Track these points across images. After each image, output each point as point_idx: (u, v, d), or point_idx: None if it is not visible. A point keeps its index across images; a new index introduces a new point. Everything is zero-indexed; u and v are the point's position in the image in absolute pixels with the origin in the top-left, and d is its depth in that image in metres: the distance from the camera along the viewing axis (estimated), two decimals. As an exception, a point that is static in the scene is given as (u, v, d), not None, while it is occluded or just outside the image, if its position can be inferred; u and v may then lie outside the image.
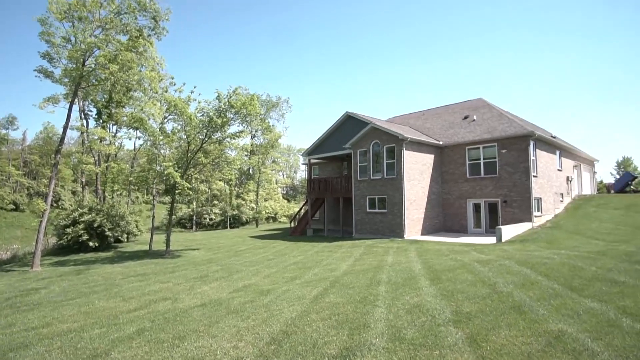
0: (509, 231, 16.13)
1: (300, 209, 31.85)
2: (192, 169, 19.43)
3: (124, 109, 25.21)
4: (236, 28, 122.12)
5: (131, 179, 19.48)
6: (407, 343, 4.21)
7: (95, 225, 19.84)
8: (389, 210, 19.52)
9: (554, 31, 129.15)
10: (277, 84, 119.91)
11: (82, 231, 19.47)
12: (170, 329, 5.39)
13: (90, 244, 19.58)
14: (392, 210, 19.30)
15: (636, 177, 34.22)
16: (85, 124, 25.91)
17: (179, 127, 18.71)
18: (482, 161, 19.87)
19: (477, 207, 20.28)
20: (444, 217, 21.54)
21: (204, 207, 44.16)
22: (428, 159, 20.84)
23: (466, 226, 20.40)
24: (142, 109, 19.46)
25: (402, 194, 18.82)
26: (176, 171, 16.84)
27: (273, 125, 47.41)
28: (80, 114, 25.50)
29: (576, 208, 21.61)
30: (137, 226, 24.58)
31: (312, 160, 27.41)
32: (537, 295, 5.74)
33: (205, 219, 43.05)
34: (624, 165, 59.68)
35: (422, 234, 19.76)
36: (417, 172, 19.92)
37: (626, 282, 6.14)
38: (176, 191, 17.87)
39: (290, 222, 32.23)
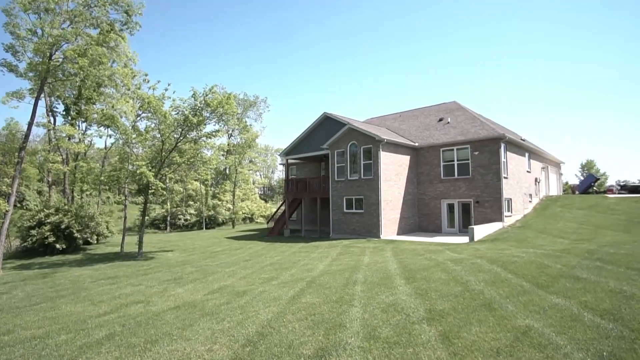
0: (481, 231, 16.63)
1: (278, 209, 31.70)
2: (167, 169, 18.98)
3: (94, 106, 24.29)
4: (213, 29, 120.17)
5: (102, 178, 18.81)
6: (382, 342, 4.27)
7: (63, 226, 19.04)
8: (365, 210, 19.72)
9: (524, 36, 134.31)
10: (255, 85, 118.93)
11: (49, 233, 18.63)
12: (142, 333, 5.24)
13: (57, 246, 18.76)
14: (369, 211, 19.51)
15: (598, 179, 36.11)
16: (52, 121, 24.79)
17: (152, 125, 18.22)
18: (455, 163, 20.40)
19: (451, 207, 20.79)
20: (419, 217, 21.96)
21: (179, 208, 43.19)
22: (404, 160, 21.20)
23: (440, 226, 20.88)
24: (113, 106, 18.84)
25: (379, 194, 19.06)
26: (150, 170, 16.41)
27: (250, 125, 47.04)
28: (46, 110, 24.39)
29: (544, 208, 22.54)
30: (107, 227, 23.76)
31: (289, 161, 27.33)
32: (506, 293, 5.95)
33: (180, 219, 42.12)
34: (587, 167, 62.71)
35: (398, 234, 20.08)
36: (394, 173, 20.23)
37: (588, 279, 6.46)
38: (149, 191, 17.40)
39: (268, 223, 32.00)
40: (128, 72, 19.83)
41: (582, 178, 55.12)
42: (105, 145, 33.07)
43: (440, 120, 23.78)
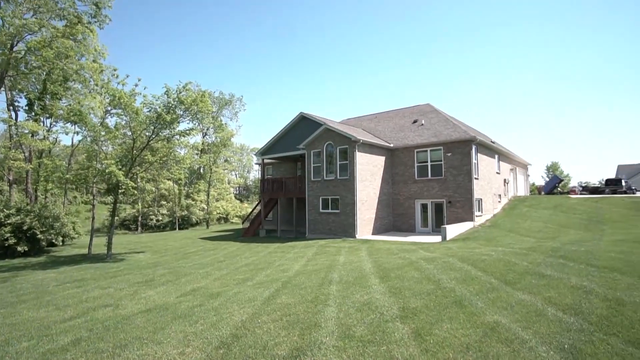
0: (453, 230, 17.09)
1: (253, 209, 31.38)
2: (138, 168, 18.39)
3: (60, 102, 23.22)
4: (187, 26, 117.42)
5: (68, 176, 17.97)
6: (356, 340, 4.32)
7: (25, 227, 18.09)
8: (341, 210, 19.85)
9: (495, 40, 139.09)
10: (231, 84, 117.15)
11: (9, 234, 17.66)
12: (111, 338, 5.06)
13: (19, 248, 17.82)
14: (345, 211, 19.65)
15: (562, 180, 37.94)
16: (13, 116, 23.53)
17: (123, 122, 17.61)
18: (429, 164, 20.87)
19: (424, 207, 21.26)
20: (393, 217, 22.32)
21: (151, 208, 41.96)
22: (379, 160, 21.49)
23: (414, 225, 21.30)
24: (79, 102, 18.05)
25: (355, 194, 19.23)
26: (120, 169, 15.85)
27: (225, 124, 46.35)
28: (7, 104, 23.10)
29: (512, 208, 23.43)
30: (74, 228, 22.77)
31: (265, 160, 27.13)
32: (476, 290, 6.15)
33: (151, 220, 40.93)
34: (552, 169, 65.79)
35: (373, 234, 20.32)
36: (369, 173, 20.47)
37: (552, 275, 6.77)
38: (119, 191, 16.82)
39: (243, 223, 31.62)
40: (97, 67, 19.06)
41: (547, 179, 57.75)
42: (72, 142, 31.71)
43: (415, 122, 24.27)
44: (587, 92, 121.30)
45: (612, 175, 79.30)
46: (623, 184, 35.01)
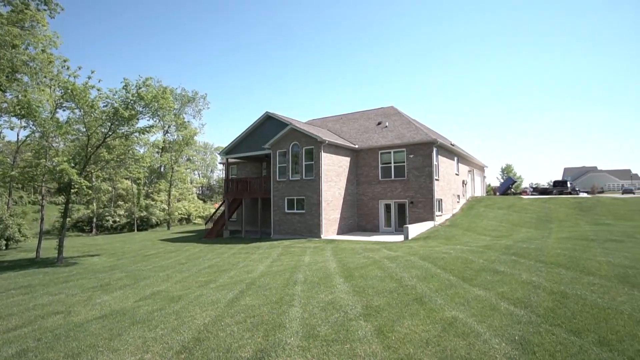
0: (414, 230, 17.63)
1: (217, 209, 30.70)
2: (93, 166, 17.43)
3: (5, 95, 21.48)
4: (154, 24, 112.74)
5: (14, 173, 16.67)
6: (320, 340, 4.35)
7: (-38, 230, 16.61)
8: (307, 210, 19.88)
9: (455, 46, 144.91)
10: (195, 83, 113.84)
11: (-57, 238, 16.14)
12: (62, 347, 4.77)
13: (-45, 252, 16.32)
14: (310, 211, 19.71)
15: (516, 182, 40.23)
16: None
17: (76, 117, 16.59)
18: (392, 165, 21.41)
19: (388, 207, 21.77)
20: (358, 217, 22.67)
21: (107, 208, 39.85)
22: (345, 161, 21.75)
23: (378, 225, 21.76)
24: (25, 95, 16.77)
25: (320, 195, 19.34)
26: (73, 167, 14.92)
27: (188, 122, 44.97)
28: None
29: (470, 208, 24.54)
30: (19, 230, 21.23)
31: (230, 160, 26.62)
32: (436, 287, 6.39)
33: (107, 221, 38.87)
34: (507, 171, 69.66)
35: (338, 234, 20.54)
36: (334, 173, 20.66)
37: (505, 272, 7.17)
38: (72, 190, 15.85)
39: (206, 224, 30.84)
40: (46, 58, 17.79)
41: (502, 181, 61.02)
42: (18, 138, 29.45)
43: (379, 124, 24.79)
44: (539, 100, 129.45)
45: (559, 177, 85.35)
46: (568, 185, 37.73)
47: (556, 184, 38.91)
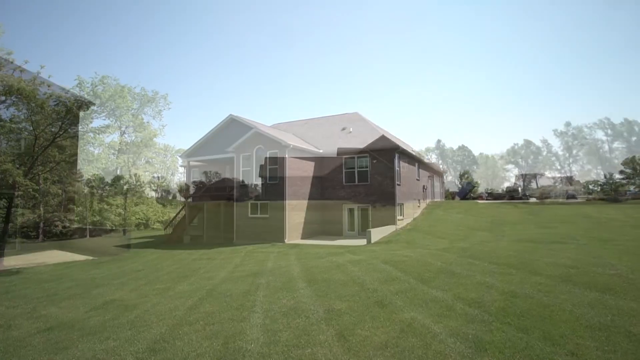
0: (377, 233, 17.96)
1: (177, 214, 29.63)
2: (41, 167, 16.28)
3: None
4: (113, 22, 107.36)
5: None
6: (281, 345, 4.31)
7: None
8: (271, 215, 19.70)
9: (416, 52, 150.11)
10: (160, 86, 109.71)
11: None
12: (-2, 363, 4.39)
13: None
14: (274, 215, 19.54)
15: (474, 187, 42.21)
16: None
17: (22, 115, 15.45)
18: (356, 170, 21.74)
19: (351, 211, 22.05)
20: (322, 222, 22.76)
21: (56, 213, 37.24)
22: (309, 166, 21.81)
23: (342, 229, 21.96)
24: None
25: (284, 199, 19.24)
26: (17, 168, 13.87)
27: (148, 122, 43.23)
28: None
29: (430, 212, 25.40)
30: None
31: (192, 163, 25.86)
32: (396, 289, 6.54)
33: (57, 226, 36.27)
34: (465, 176, 72.92)
35: (302, 238, 20.49)
36: (299, 178, 20.64)
37: (461, 273, 7.48)
38: (16, 193, 14.70)
39: (165, 229, 29.71)
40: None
41: (460, 186, 63.81)
42: (-47, 136, 26.91)
43: (344, 129, 25.13)
44: (499, 103, 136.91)
45: (511, 183, 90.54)
46: (519, 191, 40.18)
47: (509, 189, 41.35)
